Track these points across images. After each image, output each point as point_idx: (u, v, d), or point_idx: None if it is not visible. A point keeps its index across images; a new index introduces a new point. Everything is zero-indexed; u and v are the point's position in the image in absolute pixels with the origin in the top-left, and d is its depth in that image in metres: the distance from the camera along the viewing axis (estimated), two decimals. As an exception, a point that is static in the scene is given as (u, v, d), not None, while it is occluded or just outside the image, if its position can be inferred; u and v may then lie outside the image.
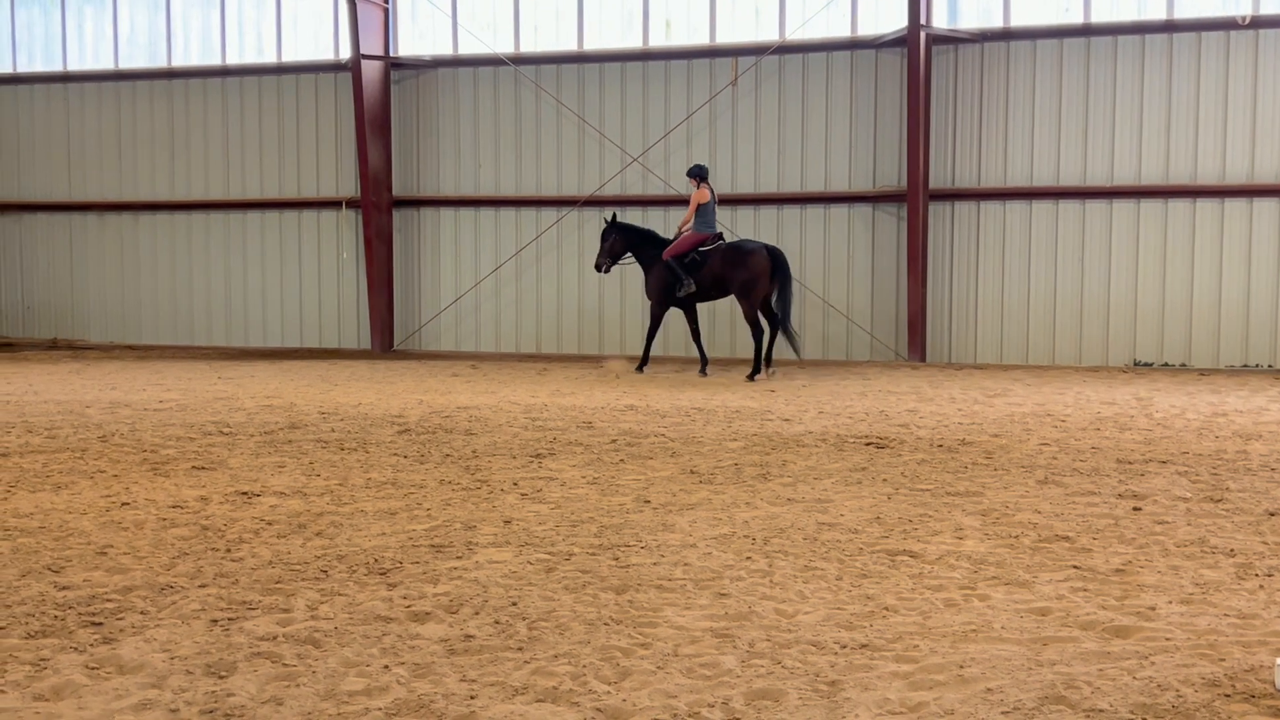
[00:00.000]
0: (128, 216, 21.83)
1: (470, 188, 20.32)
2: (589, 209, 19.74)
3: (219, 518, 7.21)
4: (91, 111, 21.86)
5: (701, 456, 9.48)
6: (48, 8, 22.10)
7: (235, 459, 9.28)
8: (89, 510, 7.39)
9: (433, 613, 5.32)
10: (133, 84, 21.62)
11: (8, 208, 22.31)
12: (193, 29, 21.41)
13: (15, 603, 5.42)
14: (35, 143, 22.21)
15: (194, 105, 21.35)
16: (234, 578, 5.87)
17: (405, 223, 20.60)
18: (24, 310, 22.35)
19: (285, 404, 12.80)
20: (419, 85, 20.41)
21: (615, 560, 6.23)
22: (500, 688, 4.43)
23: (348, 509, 7.50)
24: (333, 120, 20.72)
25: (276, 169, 21.05)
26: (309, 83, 20.81)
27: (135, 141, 21.71)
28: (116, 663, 4.66)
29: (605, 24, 19.70)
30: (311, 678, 4.52)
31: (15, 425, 11.02)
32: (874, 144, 18.64)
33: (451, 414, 12.00)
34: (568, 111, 19.69)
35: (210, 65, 21.23)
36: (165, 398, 13.35)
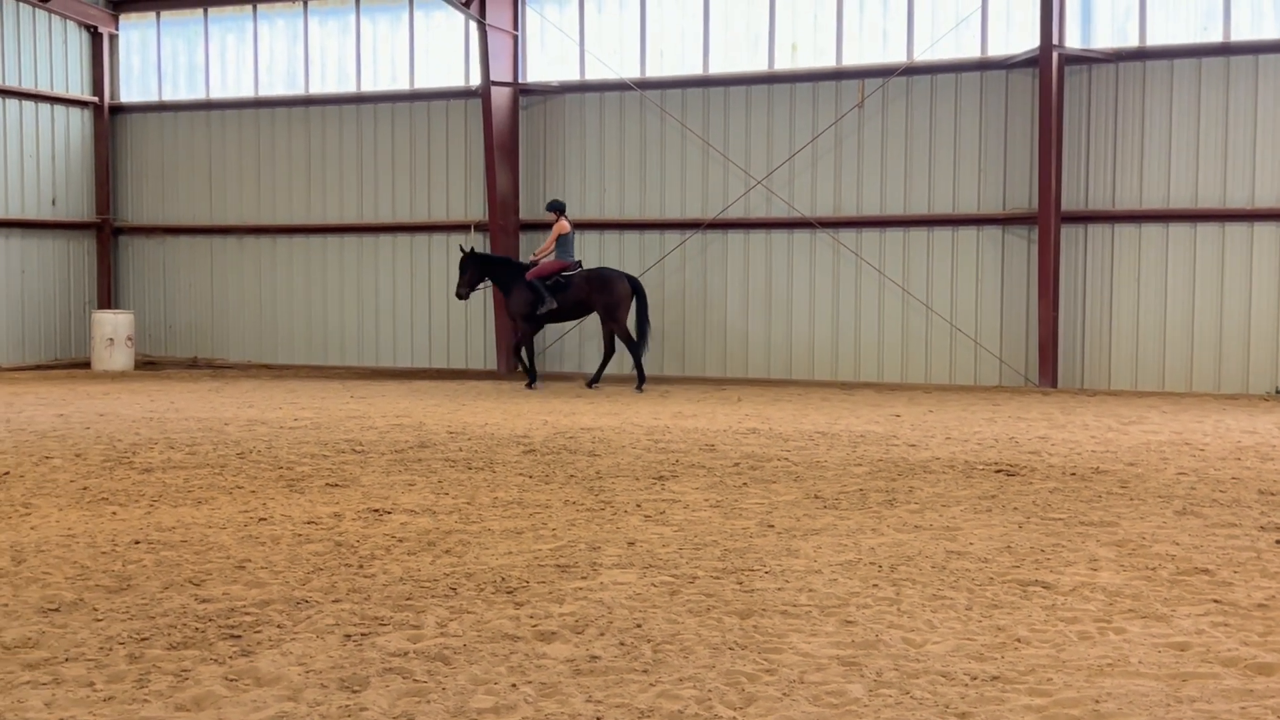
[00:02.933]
0: (266, 239, 22.50)
1: (595, 211, 20.50)
2: (713, 231, 19.77)
3: (352, 534, 7.37)
4: (232, 137, 22.61)
5: (825, 481, 9.41)
6: (192, 38, 22.95)
7: (367, 476, 9.48)
8: (228, 525, 7.62)
9: (559, 632, 5.37)
10: (272, 111, 22.31)
11: (153, 231, 23.16)
12: (329, 57, 22.02)
13: (158, 614, 5.61)
14: (179, 168, 23.04)
15: (330, 131, 21.94)
16: (366, 593, 6.00)
17: (532, 246, 20.84)
18: (166, 330, 23.15)
19: (415, 423, 13.05)
20: (546, 110, 20.69)
21: (739, 584, 6.22)
22: (626, 709, 4.44)
23: (475, 528, 7.61)
24: (462, 145, 21.11)
25: (408, 193, 21.51)
26: (440, 109, 21.24)
27: (274, 166, 22.39)
28: (254, 675, 4.79)
29: (731, 47, 19.74)
30: (441, 694, 4.59)
31: (158, 442, 11.42)
32: (1004, 165, 18.34)
33: (575, 435, 12.10)
34: (692, 135, 19.77)
35: (346, 92, 21.80)
36: (300, 416, 13.70)
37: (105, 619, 5.52)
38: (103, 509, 8.13)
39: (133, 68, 23.33)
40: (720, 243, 19.84)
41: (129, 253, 23.41)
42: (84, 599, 5.85)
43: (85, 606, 5.72)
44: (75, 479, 9.28)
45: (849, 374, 19.06)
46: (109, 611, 5.64)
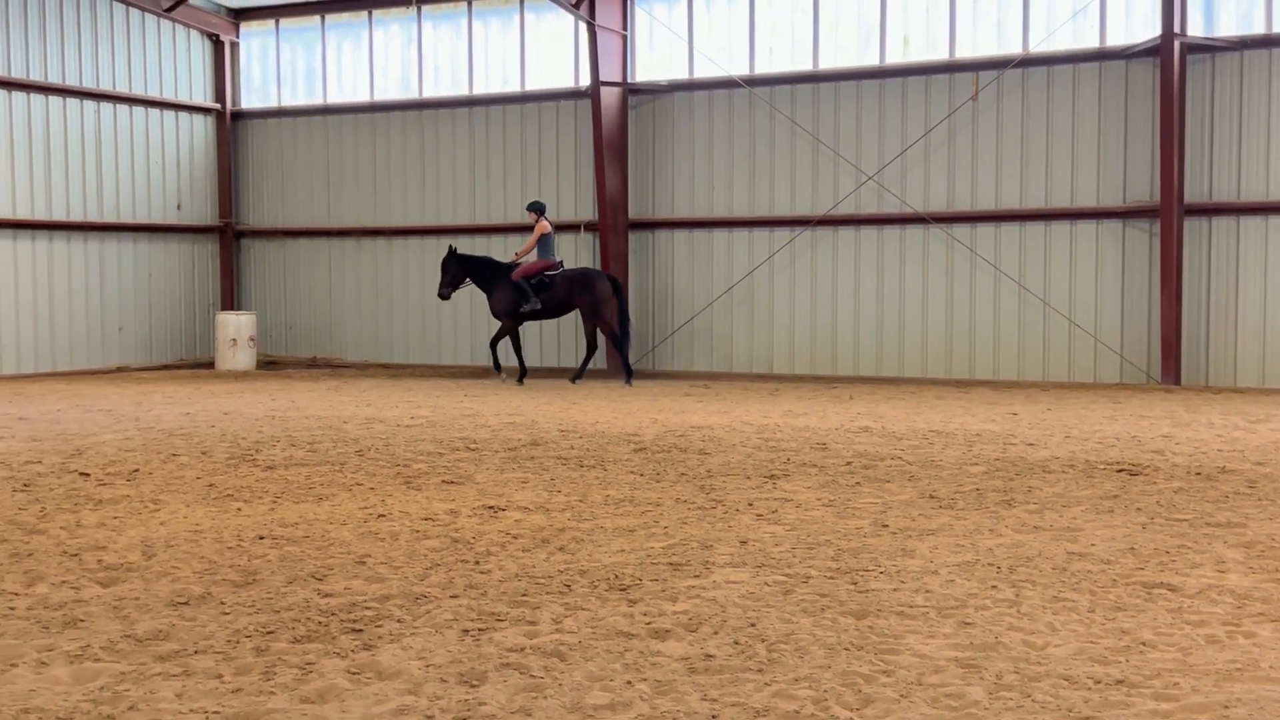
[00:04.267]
0: (381, 241, 22.92)
1: (705, 209, 20.50)
2: (823, 228, 19.63)
3: (468, 530, 7.48)
4: (349, 141, 23.08)
5: (941, 481, 9.28)
6: (309, 44, 23.47)
7: (482, 474, 9.61)
8: (348, 521, 7.78)
9: (673, 630, 5.38)
10: (387, 115, 22.71)
11: (273, 233, 23.75)
12: (442, 61, 22.35)
13: (283, 608, 5.75)
14: (298, 171, 23.59)
15: (443, 134, 22.26)
16: (483, 589, 6.08)
17: (640, 245, 20.93)
18: (286, 330, 23.72)
19: (527, 421, 13.18)
20: (655, 109, 20.74)
21: (854, 585, 6.17)
22: (741, 709, 4.44)
23: (588, 525, 7.66)
24: (572, 146, 21.26)
25: (519, 194, 21.72)
26: (550, 110, 21.42)
27: (389, 169, 22.79)
28: (376, 668, 4.89)
29: (841, 43, 19.58)
30: (558, 690, 4.63)
31: (280, 439, 11.71)
32: (1124, 157, 17.89)
33: (685, 433, 12.11)
34: (802, 131, 19.65)
35: (458, 95, 22.11)
36: (416, 414, 13.93)
37: (232, 612, 5.68)
38: (228, 505, 8.36)
39: (253, 75, 23.94)
40: (830, 239, 19.69)
41: (250, 255, 24.04)
42: (212, 593, 6.03)
43: (213, 600, 5.89)
44: (202, 476, 9.56)
45: (964, 372, 18.78)
46: (236, 605, 5.80)
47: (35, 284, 20.58)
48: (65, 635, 5.31)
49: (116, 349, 21.89)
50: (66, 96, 21.00)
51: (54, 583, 6.21)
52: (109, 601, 5.85)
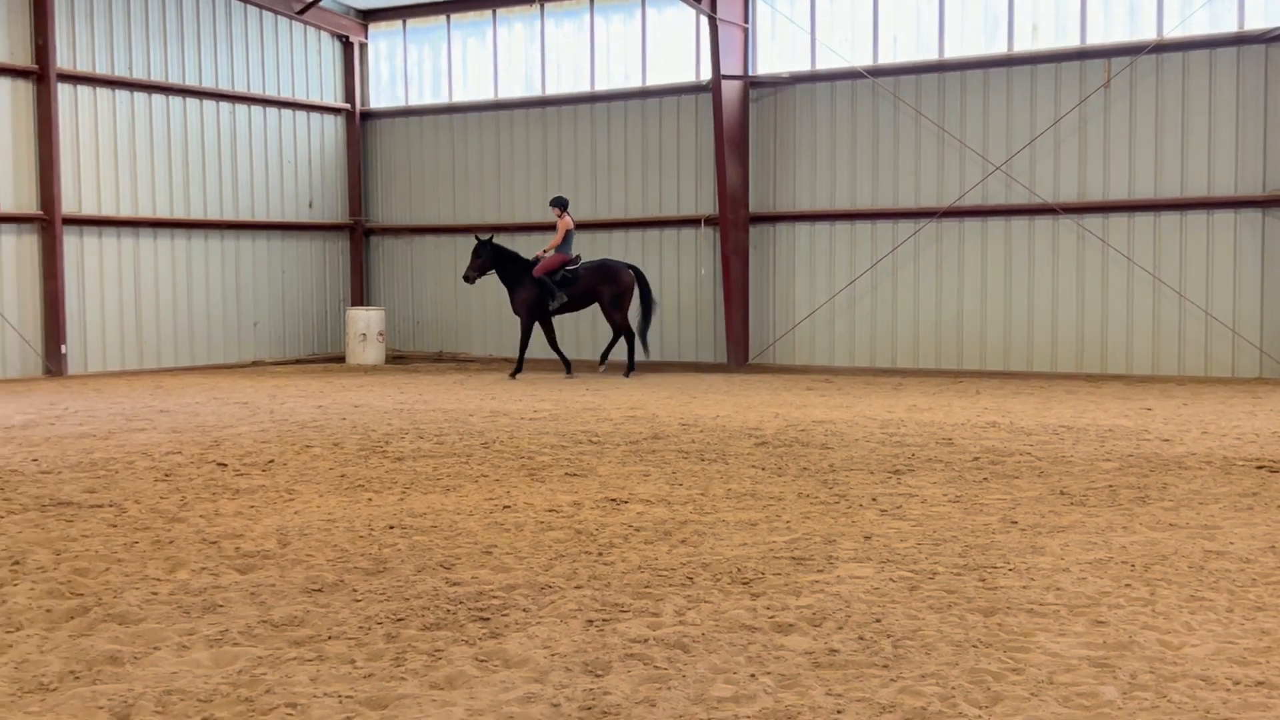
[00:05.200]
0: (504, 238, 23.17)
1: (826, 202, 20.33)
2: (948, 220, 19.33)
3: (591, 522, 7.54)
4: (474, 139, 23.42)
5: (1072, 477, 9.07)
6: (435, 44, 23.87)
7: (604, 467, 9.68)
8: (474, 512, 7.91)
9: (796, 624, 5.36)
10: (510, 113, 22.99)
11: (401, 231, 24.22)
12: (565, 58, 22.54)
13: (413, 596, 5.87)
14: (425, 170, 24.02)
15: (565, 131, 22.46)
16: (606, 580, 6.13)
17: (761, 238, 20.85)
18: (414, 325, 24.17)
19: (648, 415, 13.23)
20: (777, 102, 20.63)
21: (982, 581, 6.07)
22: (867, 704, 4.40)
23: (710, 518, 7.67)
24: (693, 140, 21.27)
25: (640, 189, 21.82)
26: (671, 105, 21.46)
27: (512, 166, 23.08)
28: (503, 656, 4.96)
29: (967, 31, 19.24)
30: (681, 681, 4.65)
31: (409, 432, 11.94)
32: (1264, 144, 17.26)
33: (807, 428, 12.03)
34: (927, 121, 19.36)
35: (580, 92, 22.27)
36: (539, 408, 14.09)
37: (364, 599, 5.82)
38: (359, 495, 8.55)
39: (381, 75, 24.44)
40: (955, 231, 19.37)
41: (379, 252, 24.55)
42: (344, 580, 6.18)
43: (345, 587, 6.04)
44: (334, 467, 9.80)
45: (1095, 366, 18.33)
46: (367, 592, 5.94)
47: (175, 281, 21.31)
48: (205, 620, 5.49)
49: (252, 344, 22.55)
50: (203, 99, 21.69)
51: (194, 569, 6.43)
52: (246, 588, 6.04)
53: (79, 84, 19.74)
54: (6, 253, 18.91)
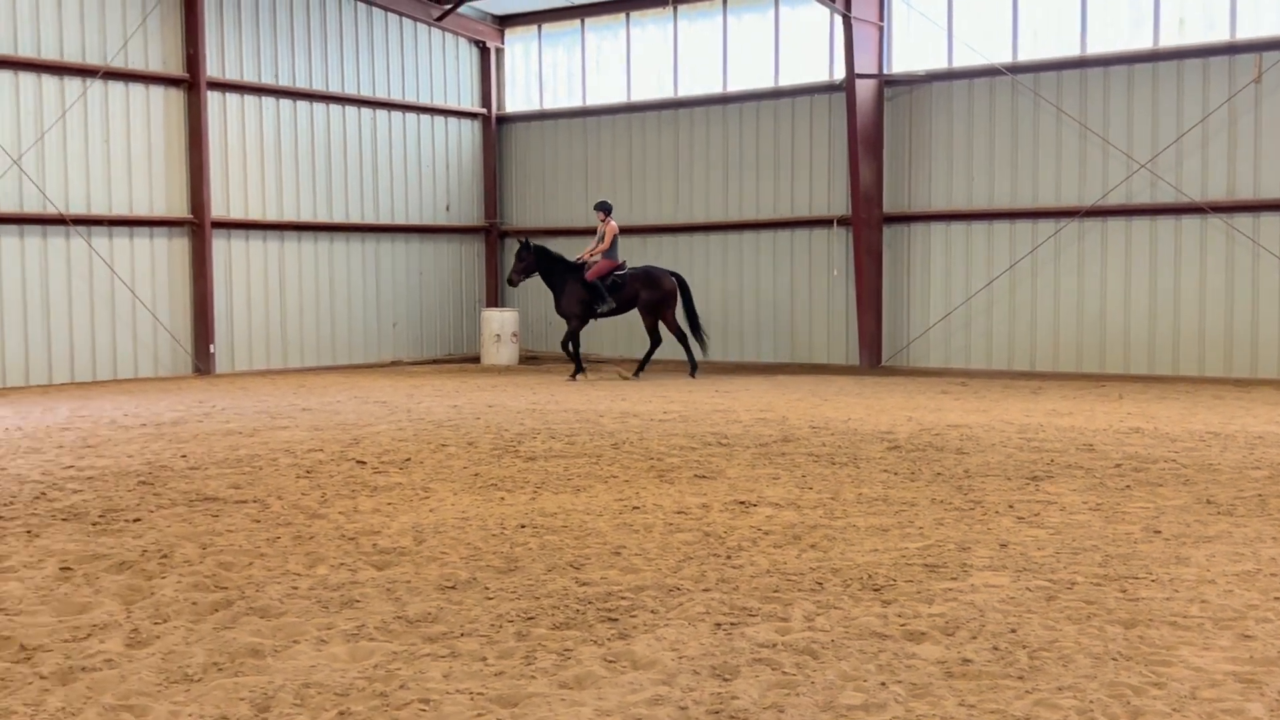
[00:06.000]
0: (636, 239, 23.30)
1: (962, 201, 19.98)
2: (1090, 220, 18.82)
3: (719, 525, 7.53)
4: (606, 141, 23.59)
5: (1219, 485, 8.76)
6: (570, 47, 24.10)
7: (733, 469, 9.66)
8: (604, 512, 7.96)
9: (928, 633, 5.28)
10: (643, 115, 23.10)
11: (535, 233, 24.47)
12: (697, 59, 22.53)
13: (543, 595, 5.93)
14: (558, 172, 24.28)
15: (697, 132, 22.48)
16: (734, 584, 6.11)
17: (895, 239, 20.57)
18: (546, 326, 24.40)
19: (778, 417, 13.16)
20: (912, 100, 20.33)
21: (1123, 592, 5.90)
22: (1000, 716, 4.31)
23: (840, 523, 7.60)
24: (826, 140, 21.09)
25: (772, 189, 21.72)
26: (804, 104, 21.31)
27: (644, 168, 23.18)
28: (631, 658, 4.98)
29: (1110, 26, 18.71)
30: (810, 688, 4.61)
31: (540, 432, 12.07)
32: None
33: (942, 432, 11.83)
34: (1068, 119, 18.88)
35: (712, 93, 22.27)
36: (669, 409, 14.12)
37: (496, 597, 5.90)
38: (492, 494, 8.68)
39: (516, 79, 24.77)
40: (1098, 231, 18.85)
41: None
42: (477, 578, 6.27)
43: (478, 585, 6.13)
44: (468, 465, 9.96)
45: (1245, 370, 17.67)
46: (499, 590, 6.02)
47: (317, 283, 21.90)
48: (343, 615, 5.63)
49: (390, 344, 23.05)
50: (345, 105, 22.25)
51: (333, 564, 6.60)
52: (382, 584, 6.17)
53: (227, 91, 20.42)
54: (159, 256, 19.66)
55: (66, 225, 18.40)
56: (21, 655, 5.06)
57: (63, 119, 18.35)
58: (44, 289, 18.22)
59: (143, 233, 19.44)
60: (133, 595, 5.99)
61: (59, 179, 18.40)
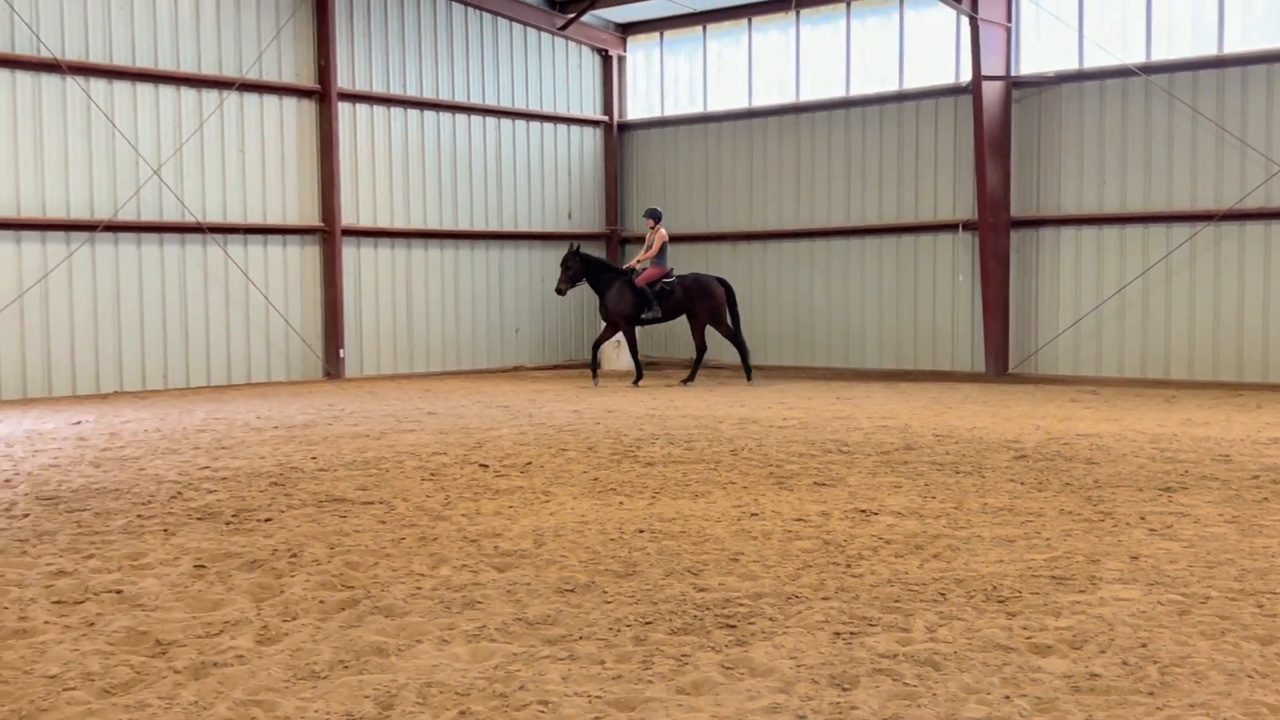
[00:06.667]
0: (756, 245, 23.27)
1: (1093, 205, 19.49)
2: (1228, 223, 18.21)
3: (839, 533, 7.46)
4: (727, 148, 23.56)
5: (1366, 499, 8.39)
6: (691, 54, 24.14)
7: (854, 477, 9.56)
8: (722, 519, 7.94)
9: (1055, 646, 5.15)
10: (764, 120, 23.03)
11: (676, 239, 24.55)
12: (819, 63, 22.39)
13: (661, 600, 5.94)
14: (679, 179, 24.33)
15: (819, 137, 22.34)
16: (854, 593, 6.05)
17: (1023, 243, 20.16)
18: (665, 332, 24.46)
19: (900, 425, 12.99)
20: (1040, 103, 19.91)
21: (1259, 608, 5.69)
22: (1129, 733, 4.19)
23: (964, 533, 7.46)
24: (951, 143, 20.78)
25: (895, 194, 21.47)
26: (928, 108, 21.03)
27: (765, 174, 23.10)
28: (749, 665, 4.96)
29: (1249, 24, 18.10)
30: (931, 700, 4.54)
31: (659, 437, 12.10)
32: None
33: (1070, 441, 11.55)
34: (1204, 120, 18.30)
35: (834, 98, 22.10)
36: (788, 416, 14.03)
37: (614, 601, 5.93)
38: (611, 499, 8.72)
39: (638, 86, 24.90)
40: (1236, 235, 18.23)
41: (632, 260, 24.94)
42: (595, 582, 6.31)
43: (596, 589, 6.17)
44: (587, 470, 10.03)
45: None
46: (617, 595, 6.05)
47: (443, 289, 22.28)
48: (464, 616, 5.71)
49: (513, 349, 23.34)
50: (471, 114, 22.61)
51: (456, 566, 6.70)
52: (503, 585, 6.24)
53: (357, 102, 20.91)
54: (291, 263, 20.20)
55: (204, 234, 19.02)
56: (157, 650, 5.24)
57: (200, 130, 18.98)
58: (182, 295, 18.86)
59: (276, 240, 20.00)
60: (263, 593, 6.16)
61: (196, 188, 19.03)
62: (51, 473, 10.11)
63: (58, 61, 17.34)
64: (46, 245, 17.48)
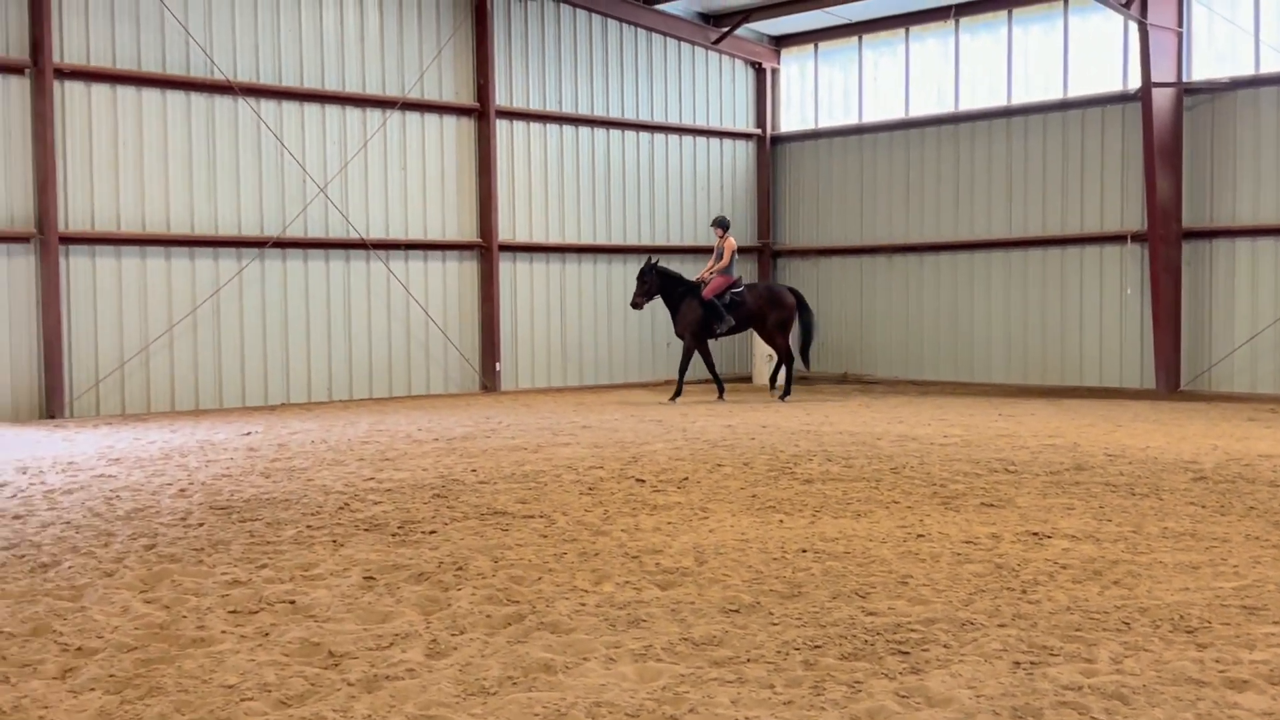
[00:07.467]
0: (913, 257, 22.85)
1: (1271, 215, 18.62)
2: None
3: (1011, 557, 7.21)
4: (883, 159, 23.22)
5: None
6: (846, 65, 23.87)
7: (1022, 498, 9.25)
8: (887, 539, 7.75)
9: (1251, 681, 4.87)
10: (921, 130, 22.62)
11: (807, 252, 24.37)
12: (980, 72, 21.93)
13: (829, 623, 5.80)
14: (832, 191, 24.06)
15: (979, 146, 21.85)
16: (1032, 620, 5.82)
17: (1195, 255, 19.37)
18: (818, 346, 24.21)
19: (1068, 443, 12.56)
20: (1214, 109, 19.12)
21: None
22: (1343, 781, 3.92)
23: (1144, 559, 7.14)
24: (1118, 152, 20.11)
25: (1059, 205, 20.86)
26: (1094, 116, 20.39)
27: (922, 185, 22.69)
28: (925, 694, 4.80)
29: None
30: (1122, 737, 4.32)
31: (816, 454, 11.92)
32: None
33: (1252, 462, 11.01)
34: (1395, 124, 17.34)
35: (995, 106, 21.60)
36: (949, 433, 13.70)
37: (780, 623, 5.81)
38: (770, 516, 8.60)
39: (791, 98, 24.72)
40: None
41: (785, 274, 24.79)
42: (760, 602, 6.20)
43: (761, 610, 6.06)
44: (744, 486, 9.92)
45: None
46: (783, 616, 5.93)
47: (595, 303, 22.42)
48: (630, 634, 5.66)
49: (665, 362, 23.33)
50: (624, 129, 22.73)
51: (618, 583, 6.66)
52: (667, 604, 6.18)
53: (514, 119, 21.20)
54: (450, 278, 20.56)
55: (367, 249, 19.50)
56: (330, 661, 5.32)
57: (364, 148, 19.47)
58: (346, 310, 19.35)
59: (435, 256, 20.38)
60: (431, 606, 6.21)
61: (360, 205, 19.52)
62: (224, 482, 10.42)
63: (230, 83, 17.98)
64: (219, 261, 18.13)
